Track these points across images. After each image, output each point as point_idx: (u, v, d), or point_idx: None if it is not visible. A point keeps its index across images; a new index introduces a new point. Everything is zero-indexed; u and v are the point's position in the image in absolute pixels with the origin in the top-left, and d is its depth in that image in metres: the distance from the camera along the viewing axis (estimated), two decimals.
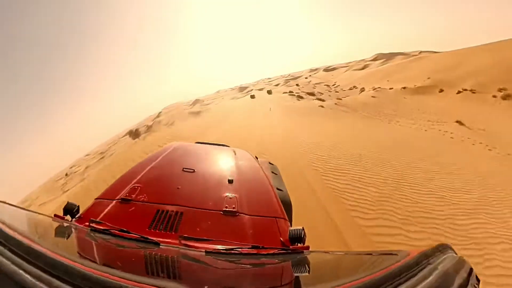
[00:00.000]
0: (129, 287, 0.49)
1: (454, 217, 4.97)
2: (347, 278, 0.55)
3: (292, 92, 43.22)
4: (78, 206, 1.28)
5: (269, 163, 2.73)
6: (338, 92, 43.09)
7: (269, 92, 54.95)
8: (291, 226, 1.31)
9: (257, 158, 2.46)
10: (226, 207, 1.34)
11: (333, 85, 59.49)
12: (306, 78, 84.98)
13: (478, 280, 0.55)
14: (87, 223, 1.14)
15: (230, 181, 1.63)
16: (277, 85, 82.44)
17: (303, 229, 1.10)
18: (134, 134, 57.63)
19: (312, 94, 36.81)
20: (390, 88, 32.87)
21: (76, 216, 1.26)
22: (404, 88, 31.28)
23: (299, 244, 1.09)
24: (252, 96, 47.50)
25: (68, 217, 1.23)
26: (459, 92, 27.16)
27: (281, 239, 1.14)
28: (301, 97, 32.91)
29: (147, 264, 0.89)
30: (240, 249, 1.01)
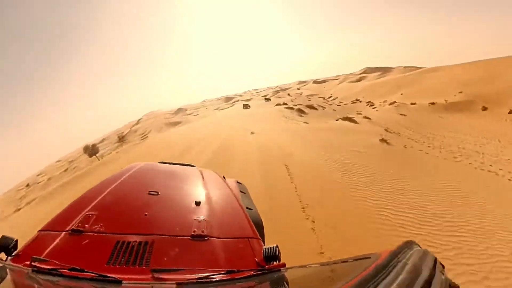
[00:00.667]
0: None
1: None
2: None
3: (287, 104, 35.50)
4: (16, 241, 1.07)
5: (237, 182, 2.42)
6: (340, 105, 36.02)
7: (267, 99, 48.15)
8: (264, 245, 1.21)
9: (224, 177, 2.27)
10: (195, 232, 1.21)
11: (329, 97, 53.07)
12: (298, 89, 78.88)
13: (443, 266, 0.62)
14: (27, 262, 0.95)
15: (198, 203, 1.48)
16: (265, 95, 75.85)
17: (277, 246, 1.06)
18: (90, 150, 46.15)
19: (312, 107, 29.14)
20: (413, 104, 26.01)
21: (13, 254, 1.04)
22: (432, 103, 24.47)
23: (274, 263, 1.03)
24: (246, 106, 39.91)
25: (2, 254, 1.02)
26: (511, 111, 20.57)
27: (256, 259, 1.07)
28: (303, 112, 25.01)
29: None
30: (214, 276, 0.93)
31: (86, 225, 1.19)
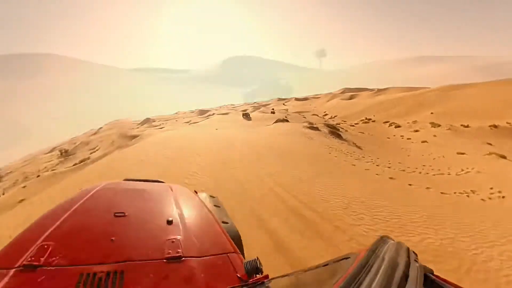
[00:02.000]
0: None
1: None
2: None
3: (287, 120, 27.58)
4: None
5: (210, 196, 2.26)
6: (353, 126, 29.32)
7: (273, 112, 39.72)
8: (244, 258, 1.17)
9: (196, 192, 2.15)
10: (169, 253, 1.09)
11: (325, 115, 47.15)
12: (284, 104, 72.71)
13: (416, 254, 0.66)
14: None
15: (170, 222, 1.34)
16: (245, 110, 68.54)
17: (257, 259, 1.03)
18: None
19: (333, 128, 21.51)
20: (465, 126, 19.98)
21: None
22: (494, 126, 18.58)
23: (257, 276, 0.98)
24: (246, 116, 30.68)
25: None
26: None
27: (238, 275, 1.03)
28: (339, 136, 16.97)
29: None
30: None
31: (41, 258, 1.01)
